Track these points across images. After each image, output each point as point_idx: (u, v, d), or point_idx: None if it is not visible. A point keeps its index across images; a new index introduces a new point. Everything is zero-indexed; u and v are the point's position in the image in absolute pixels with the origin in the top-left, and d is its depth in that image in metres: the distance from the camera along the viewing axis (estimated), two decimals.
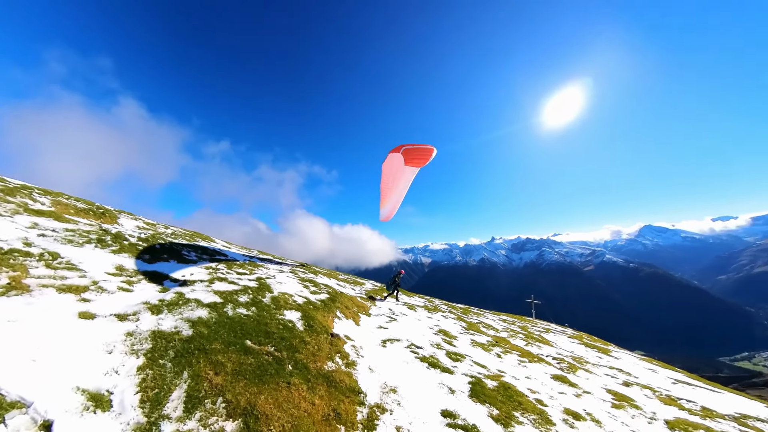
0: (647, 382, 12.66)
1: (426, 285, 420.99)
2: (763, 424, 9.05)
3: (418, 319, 13.92)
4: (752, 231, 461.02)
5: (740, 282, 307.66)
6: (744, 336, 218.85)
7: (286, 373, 6.08)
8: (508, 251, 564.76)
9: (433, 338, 10.92)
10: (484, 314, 25.06)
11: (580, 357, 15.40)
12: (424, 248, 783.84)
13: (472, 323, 17.16)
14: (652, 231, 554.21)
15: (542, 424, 5.93)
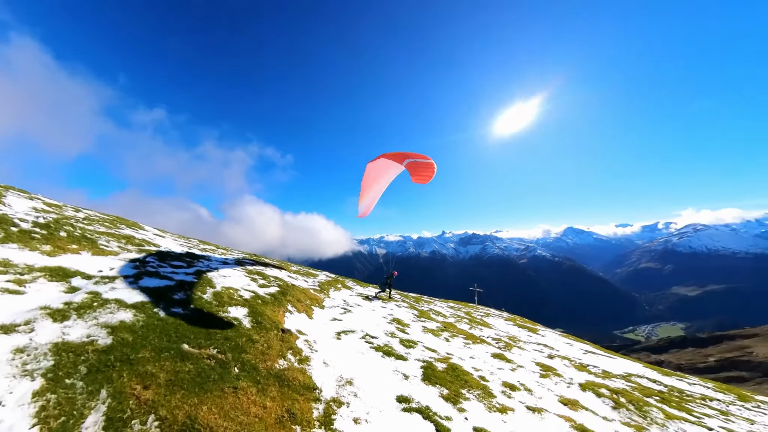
0: (566, 354, 14.68)
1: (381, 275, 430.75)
2: (639, 378, 11.80)
3: (372, 309, 14.13)
4: (641, 236, 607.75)
5: (630, 274, 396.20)
6: (631, 314, 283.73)
7: (232, 377, 5.62)
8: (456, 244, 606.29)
9: (387, 327, 11.19)
10: (434, 302, 26.39)
11: (515, 336, 17.16)
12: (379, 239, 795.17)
13: (424, 311, 17.97)
14: (573, 232, 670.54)
15: (485, 397, 6.53)
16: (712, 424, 7.88)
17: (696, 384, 12.95)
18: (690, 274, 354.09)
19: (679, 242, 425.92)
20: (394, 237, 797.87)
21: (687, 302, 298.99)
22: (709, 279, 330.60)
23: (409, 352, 8.67)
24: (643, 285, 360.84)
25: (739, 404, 10.88)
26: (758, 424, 9.03)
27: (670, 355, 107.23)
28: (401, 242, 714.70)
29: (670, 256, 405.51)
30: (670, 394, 10.56)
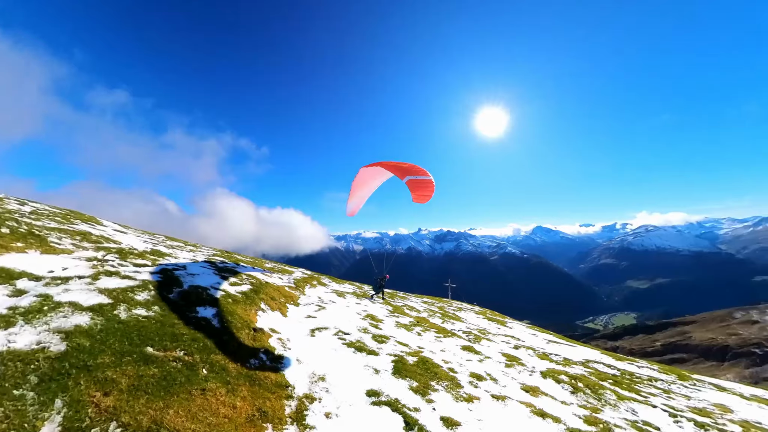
0: (531, 344, 15.50)
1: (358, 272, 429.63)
2: (596, 363, 12.75)
3: (347, 306, 14.13)
4: (602, 236, 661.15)
5: (591, 270, 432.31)
6: (591, 306, 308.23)
7: (200, 378, 5.45)
8: (431, 241, 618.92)
9: (360, 323, 11.25)
10: (408, 297, 26.79)
11: (484, 329, 17.85)
12: (356, 236, 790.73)
13: (398, 306, 18.22)
14: (541, 231, 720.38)
15: (453, 388, 6.80)
16: (656, 402, 8.70)
17: (644, 367, 14.17)
18: (642, 269, 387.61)
19: (634, 241, 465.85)
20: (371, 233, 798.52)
21: (639, 294, 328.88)
22: (657, 273, 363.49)
23: (381, 347, 8.81)
24: (602, 279, 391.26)
25: (679, 383, 12.06)
26: (693, 399, 10.08)
27: (624, 341, 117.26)
28: (378, 239, 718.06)
29: (626, 254, 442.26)
30: (622, 377, 11.51)
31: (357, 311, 13.36)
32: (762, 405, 10.21)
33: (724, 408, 9.30)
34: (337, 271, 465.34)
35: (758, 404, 10.25)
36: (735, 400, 10.42)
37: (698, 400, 9.95)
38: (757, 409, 9.77)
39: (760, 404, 10.29)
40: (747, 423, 7.84)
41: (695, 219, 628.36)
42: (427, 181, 11.20)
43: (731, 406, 9.73)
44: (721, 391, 11.68)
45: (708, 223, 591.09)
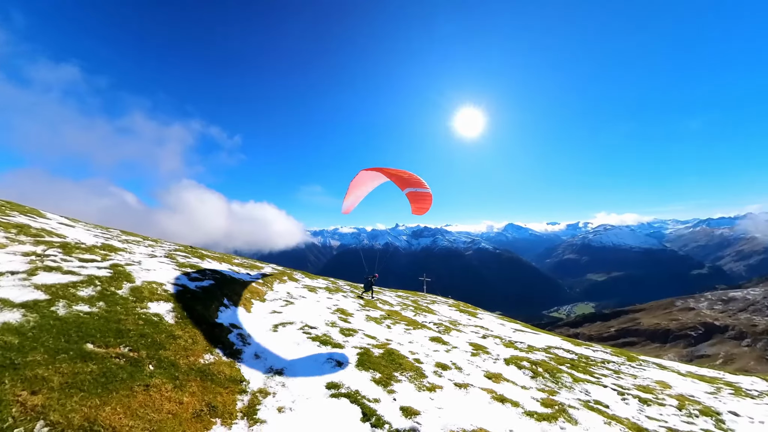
0: (498, 333, 16.00)
1: (334, 268, 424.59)
2: (557, 349, 13.41)
3: (317, 301, 13.80)
4: (566, 233, 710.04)
5: (556, 264, 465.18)
6: (556, 297, 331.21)
7: (145, 374, 5.09)
8: (408, 237, 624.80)
9: (329, 317, 11.01)
10: (383, 292, 26.73)
11: (456, 321, 18.19)
12: (333, 231, 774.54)
13: (371, 300, 18.11)
14: (513, 228, 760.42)
15: (417, 378, 6.78)
16: (607, 382, 9.24)
17: (598, 351, 15.10)
18: (600, 264, 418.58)
19: (594, 238, 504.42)
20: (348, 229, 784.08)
21: (597, 286, 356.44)
22: (613, 268, 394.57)
23: (348, 340, 8.65)
24: (565, 273, 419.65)
25: (627, 364, 12.95)
26: (639, 378, 10.85)
27: (584, 328, 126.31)
28: (355, 234, 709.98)
29: (587, 250, 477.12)
30: (579, 360, 12.16)
31: (327, 306, 13.08)
32: (695, 380, 11.19)
33: (664, 384, 10.08)
34: (314, 267, 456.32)
35: (692, 380, 11.22)
36: (673, 377, 11.34)
37: (643, 379, 10.72)
38: (691, 384, 10.69)
39: (693, 379, 11.27)
40: (682, 396, 8.53)
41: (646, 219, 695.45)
42: (426, 194, 11.41)
43: (670, 382, 10.57)
44: (663, 370, 12.68)
45: (656, 224, 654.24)
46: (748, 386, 11.34)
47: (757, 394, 10.24)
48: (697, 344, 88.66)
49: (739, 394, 10.01)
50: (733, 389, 10.50)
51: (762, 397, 9.98)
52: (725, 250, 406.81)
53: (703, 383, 10.84)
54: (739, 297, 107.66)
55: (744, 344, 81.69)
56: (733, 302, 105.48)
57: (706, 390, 10.09)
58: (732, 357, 78.55)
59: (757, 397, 9.93)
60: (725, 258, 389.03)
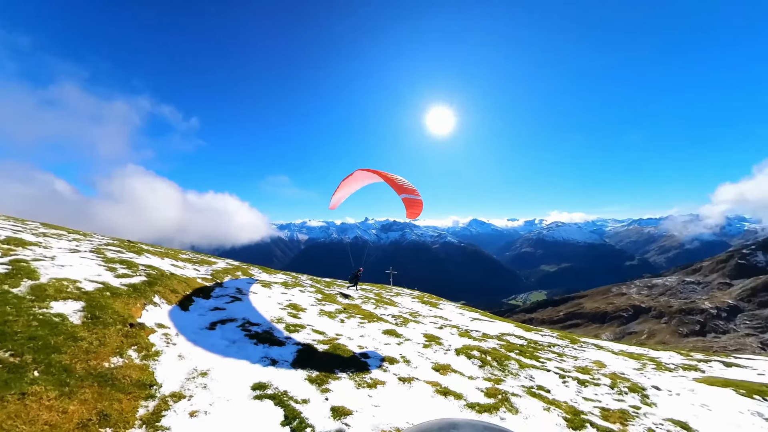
0: (456, 323, 16.15)
1: (302, 262, 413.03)
2: (509, 336, 13.78)
3: (268, 296, 12.85)
4: (524, 228, 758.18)
5: (514, 257, 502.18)
6: (514, 286, 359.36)
7: (24, 382, 4.19)
8: (378, 231, 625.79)
9: (277, 313, 10.23)
10: (347, 286, 26.09)
11: (416, 312, 18.11)
12: (301, 225, 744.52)
13: (330, 294, 17.43)
14: (477, 223, 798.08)
15: (358, 374, 6.35)
16: (551, 366, 9.52)
17: (546, 335, 15.80)
18: (552, 256, 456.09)
19: (547, 234, 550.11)
20: (316, 222, 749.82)
21: (549, 276, 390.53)
22: (563, 260, 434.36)
23: (291, 336, 8.00)
24: (522, 264, 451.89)
25: (571, 346, 13.64)
26: (580, 359, 11.41)
27: (537, 313, 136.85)
28: (324, 228, 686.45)
29: (541, 244, 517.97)
30: (528, 346, 12.53)
31: (279, 301, 12.23)
32: (625, 358, 12.05)
33: (600, 364, 10.68)
34: (280, 263, 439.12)
35: (623, 357, 12.08)
36: (608, 356, 12.12)
37: (582, 360, 11.29)
38: (622, 361, 11.48)
39: (624, 357, 12.13)
40: (614, 375, 9.03)
41: (591, 218, 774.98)
42: (419, 201, 12.44)
43: (605, 361, 11.25)
44: (599, 350, 13.54)
45: (599, 222, 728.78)
46: (667, 360, 12.47)
47: (674, 367, 11.26)
48: (627, 323, 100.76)
49: (660, 368, 10.90)
50: (656, 364, 11.43)
51: (677, 370, 10.98)
52: (651, 246, 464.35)
53: (632, 360, 11.69)
54: (660, 284, 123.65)
55: (662, 321, 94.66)
56: (655, 288, 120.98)
57: (634, 366, 10.86)
58: (654, 332, 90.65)
59: (673, 370, 10.91)
60: (651, 252, 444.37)
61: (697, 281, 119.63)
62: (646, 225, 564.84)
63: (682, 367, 11.51)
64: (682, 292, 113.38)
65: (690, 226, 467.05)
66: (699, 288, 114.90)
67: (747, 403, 7.75)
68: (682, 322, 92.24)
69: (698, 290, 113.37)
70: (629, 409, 6.68)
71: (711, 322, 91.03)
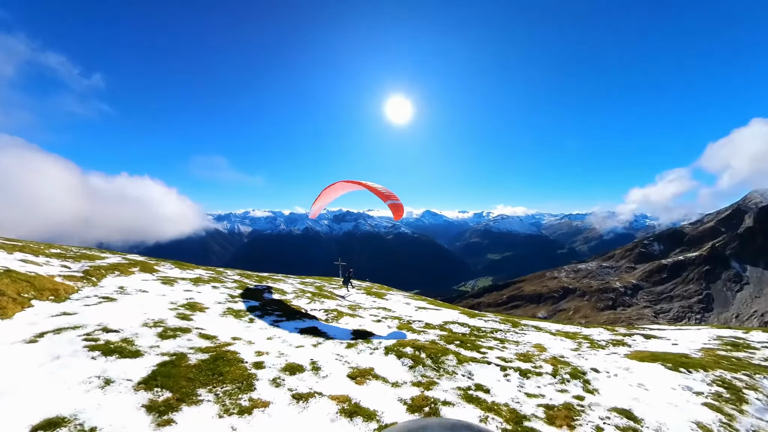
0: (399, 314, 14.93)
1: (246, 258, 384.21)
2: (452, 324, 13.12)
3: (162, 295, 10.05)
4: (473, 220, 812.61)
5: (464, 247, 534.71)
6: (464, 274, 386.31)
7: None
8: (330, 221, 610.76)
9: (160, 315, 7.71)
10: (286, 280, 23.49)
11: (358, 304, 16.52)
12: (243, 215, 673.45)
13: (257, 290, 14.95)
14: (429, 214, 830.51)
15: (234, 394, 4.42)
16: (492, 356, 8.60)
17: (490, 320, 15.41)
18: (497, 246, 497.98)
19: (493, 225, 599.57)
20: (262, 212, 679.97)
21: (494, 263, 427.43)
22: (506, 249, 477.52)
23: (160, 345, 5.73)
24: (471, 253, 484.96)
25: (513, 330, 13.28)
26: (521, 344, 10.89)
27: (484, 298, 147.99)
28: (271, 218, 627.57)
29: (488, 234, 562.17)
30: (471, 334, 11.73)
31: (174, 300, 9.56)
32: (563, 338, 11.93)
33: (541, 347, 10.22)
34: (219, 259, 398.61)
35: (560, 338, 11.94)
36: (547, 338, 11.87)
37: (524, 344, 10.78)
38: (560, 342, 11.27)
39: (561, 338, 12.01)
40: (555, 360, 8.44)
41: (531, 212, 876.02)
42: (400, 204, 14.35)
43: (545, 344, 10.89)
44: (539, 332, 13.41)
45: (538, 216, 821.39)
46: (598, 337, 12.78)
47: (605, 344, 11.45)
48: (558, 302, 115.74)
49: (594, 346, 10.88)
50: (590, 342, 11.46)
51: (608, 346, 11.15)
52: (578, 237, 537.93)
53: (569, 340, 11.58)
54: (583, 268, 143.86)
55: (585, 299, 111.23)
56: (580, 272, 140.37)
57: (571, 347, 10.64)
58: (578, 308, 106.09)
59: (605, 347, 11.05)
60: (577, 242, 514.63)
61: (611, 266, 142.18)
62: (575, 219, 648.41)
63: (611, 342, 11.71)
64: (600, 274, 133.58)
65: (608, 221, 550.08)
66: (612, 271, 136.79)
67: (676, 378, 7.65)
68: (600, 299, 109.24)
69: (611, 273, 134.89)
70: (574, 402, 5.86)
71: (620, 298, 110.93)
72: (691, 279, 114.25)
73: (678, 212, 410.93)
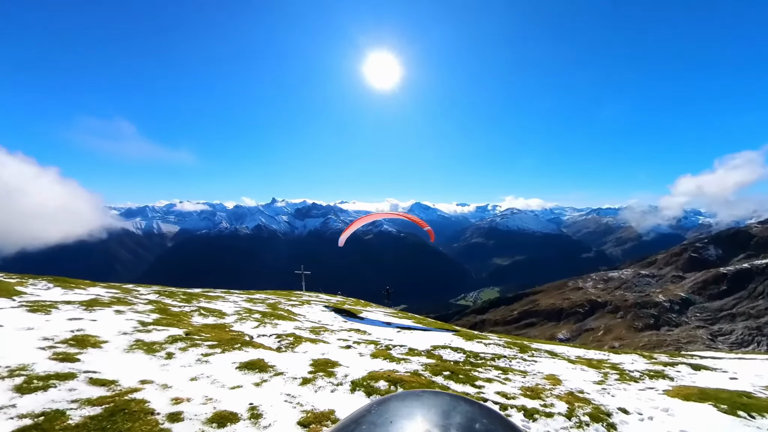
0: (375, 338, 14.91)
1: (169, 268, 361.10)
2: (443, 349, 13.36)
3: (27, 329, 9.15)
4: (475, 215, 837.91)
5: (463, 248, 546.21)
6: (462, 283, 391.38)
7: None
8: (291, 217, 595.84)
9: (20, 359, 7.13)
10: (227, 297, 22.98)
11: (323, 326, 16.40)
12: (166, 209, 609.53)
13: (179, 313, 14.40)
14: (420, 208, 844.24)
15: None
16: (490, 391, 8.70)
17: (491, 344, 15.71)
18: (505, 247, 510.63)
19: (501, 222, 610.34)
20: (193, 205, 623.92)
21: (502, 270, 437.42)
22: (516, 252, 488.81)
23: (18, 403, 5.20)
24: (472, 257, 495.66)
25: (519, 357, 13.60)
26: (529, 374, 11.12)
27: (489, 314, 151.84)
28: (207, 214, 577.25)
29: (494, 233, 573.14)
30: (466, 362, 11.86)
31: (49, 334, 8.90)
32: (584, 367, 12.31)
33: (555, 379, 10.47)
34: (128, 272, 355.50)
35: (581, 367, 12.32)
36: (564, 367, 12.22)
37: (533, 375, 11.02)
38: (581, 373, 11.60)
39: (582, 366, 12.40)
40: (572, 396, 8.65)
41: (549, 206, 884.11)
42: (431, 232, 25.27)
43: (561, 374, 11.18)
44: (553, 358, 13.82)
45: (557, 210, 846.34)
46: (630, 366, 13.23)
47: (639, 376, 11.84)
48: (584, 319, 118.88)
49: (624, 378, 11.26)
50: (618, 373, 11.85)
51: (644, 379, 11.53)
52: (608, 237, 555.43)
53: (591, 370, 11.94)
54: (616, 277, 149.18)
55: (618, 316, 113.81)
56: (611, 281, 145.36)
57: (595, 379, 10.96)
58: (610, 328, 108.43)
59: (639, 379, 11.40)
60: (608, 243, 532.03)
61: (652, 274, 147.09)
62: (605, 215, 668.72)
63: (648, 374, 12.14)
64: (638, 285, 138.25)
65: (648, 217, 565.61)
66: (654, 281, 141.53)
67: (734, 426, 7.33)
68: (638, 316, 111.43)
69: (653, 283, 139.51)
70: None
71: (664, 315, 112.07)
72: (760, 293, 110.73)
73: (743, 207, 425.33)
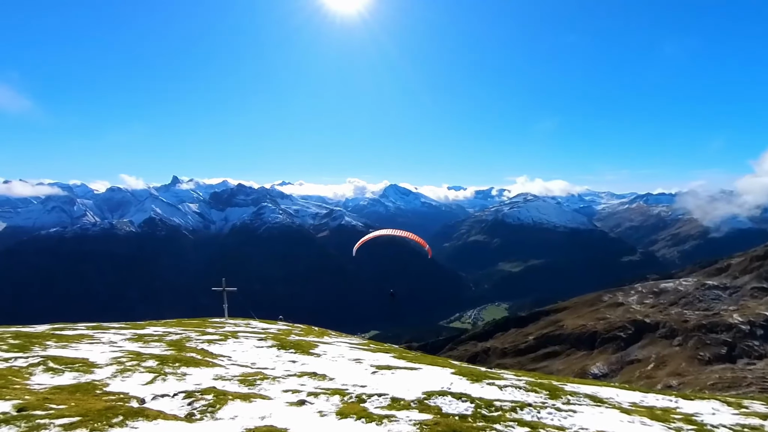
0: (341, 383, 14.64)
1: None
2: (441, 396, 13.46)
3: None
4: (474, 203, 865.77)
5: (457, 249, 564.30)
6: (457, 298, 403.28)
7: None
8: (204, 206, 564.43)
9: None
10: (100, 336, 21.91)
11: (259, 372, 16.07)
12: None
13: (5, 371, 13.35)
14: (396, 192, 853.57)
15: None
16: None
17: (509, 386, 15.88)
18: (515, 248, 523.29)
19: (510, 212, 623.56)
20: (33, 187, 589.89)
21: (510, 279, 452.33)
22: (531, 254, 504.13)
23: None
24: (470, 262, 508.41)
25: (550, 405, 13.75)
26: (569, 430, 11.17)
27: (495, 340, 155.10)
28: (60, 200, 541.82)
29: (500, 228, 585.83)
30: (476, 415, 11.80)
31: None
32: (644, 419, 12.56)
33: None
34: None
35: (640, 419, 12.55)
36: (615, 420, 12.38)
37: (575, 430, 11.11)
38: (640, 427, 11.82)
39: (641, 418, 12.64)
40: None
41: (577, 190, 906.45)
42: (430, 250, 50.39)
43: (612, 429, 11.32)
44: (599, 406, 14.07)
45: (588, 196, 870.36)
46: (712, 419, 13.53)
47: None
48: (627, 347, 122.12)
49: None
50: (696, 428, 12.14)
51: None
52: (661, 233, 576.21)
53: (657, 424, 12.15)
54: (671, 288, 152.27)
55: (675, 343, 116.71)
56: (665, 294, 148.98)
57: None
58: (663, 359, 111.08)
59: None
60: (659, 242, 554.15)
61: (724, 285, 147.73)
62: (656, 203, 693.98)
63: None
64: (703, 300, 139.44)
65: (719, 205, 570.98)
66: (725, 295, 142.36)
67: None
68: (703, 344, 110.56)
69: (725, 298, 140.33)
70: None
71: (742, 342, 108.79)
72: None
73: None
